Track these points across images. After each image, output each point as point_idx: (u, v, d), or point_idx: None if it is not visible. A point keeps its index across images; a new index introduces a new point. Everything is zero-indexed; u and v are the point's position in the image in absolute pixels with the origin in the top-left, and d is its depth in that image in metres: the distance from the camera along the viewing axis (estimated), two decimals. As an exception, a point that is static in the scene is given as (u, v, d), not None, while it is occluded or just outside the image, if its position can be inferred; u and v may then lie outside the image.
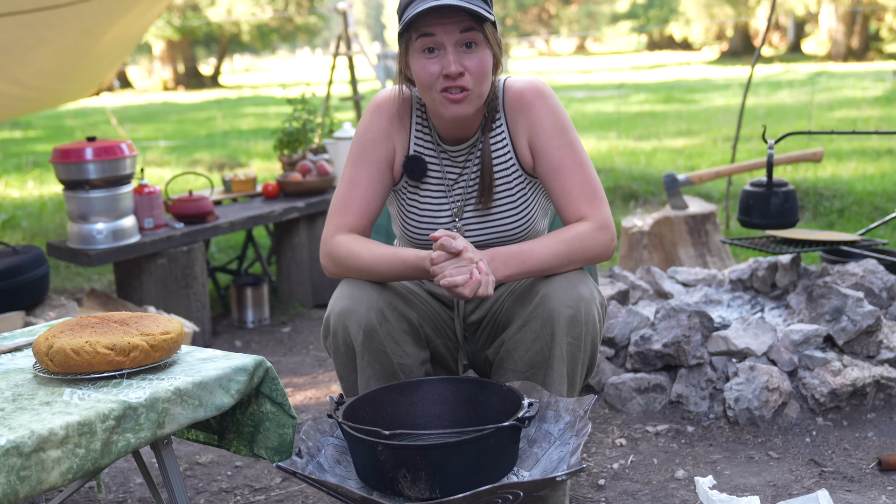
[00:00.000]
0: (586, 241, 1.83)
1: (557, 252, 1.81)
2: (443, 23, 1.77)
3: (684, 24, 28.85)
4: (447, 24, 1.77)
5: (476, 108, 1.85)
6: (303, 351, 3.65)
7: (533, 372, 1.82)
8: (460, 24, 1.77)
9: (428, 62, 1.80)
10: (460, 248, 1.72)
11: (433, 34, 1.78)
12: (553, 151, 1.89)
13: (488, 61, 1.81)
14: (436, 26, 1.77)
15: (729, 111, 10.95)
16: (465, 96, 1.80)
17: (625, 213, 5.78)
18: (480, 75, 1.80)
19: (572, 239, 1.83)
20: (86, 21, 4.24)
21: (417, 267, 1.80)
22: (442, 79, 1.80)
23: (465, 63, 1.79)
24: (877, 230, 4.80)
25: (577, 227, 1.85)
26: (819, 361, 2.66)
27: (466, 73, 1.79)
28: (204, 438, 1.87)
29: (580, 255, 1.83)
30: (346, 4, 6.58)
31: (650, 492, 2.27)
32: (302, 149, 4.43)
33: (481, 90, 1.82)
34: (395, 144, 1.97)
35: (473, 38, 1.79)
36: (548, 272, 1.82)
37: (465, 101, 1.81)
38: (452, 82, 1.79)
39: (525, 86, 1.93)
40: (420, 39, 1.80)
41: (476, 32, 1.78)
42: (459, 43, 1.78)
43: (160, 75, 25.77)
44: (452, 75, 1.78)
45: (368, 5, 51.51)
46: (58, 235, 5.51)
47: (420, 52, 1.81)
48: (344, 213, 1.94)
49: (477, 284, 1.70)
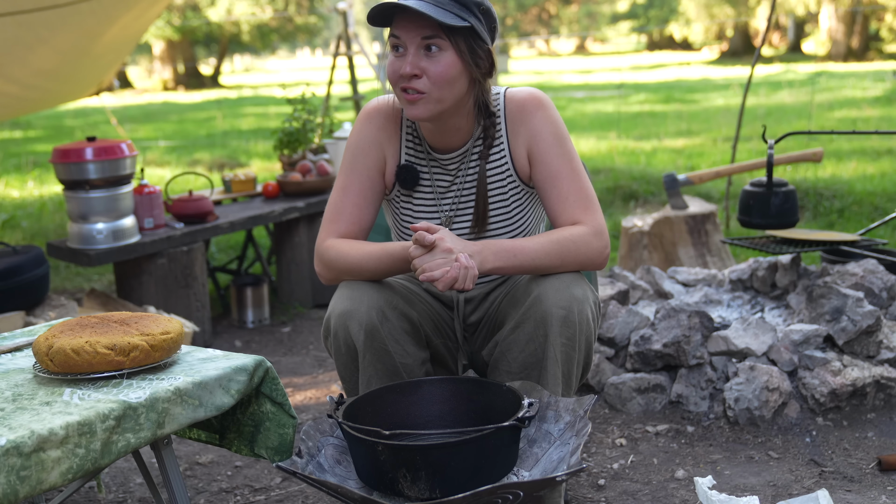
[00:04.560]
0: (580, 244, 1.83)
1: (550, 250, 1.81)
2: (407, 24, 1.77)
3: (684, 24, 28.85)
4: (409, 26, 1.77)
5: (435, 112, 1.83)
6: (303, 351, 3.65)
7: (527, 373, 1.82)
8: (423, 29, 1.77)
9: (394, 59, 1.82)
10: (431, 241, 1.72)
11: (398, 36, 1.79)
12: (552, 160, 1.90)
13: (452, 68, 1.79)
14: (400, 27, 1.78)
15: (729, 111, 10.95)
16: (420, 98, 1.80)
17: (625, 213, 5.78)
18: (439, 81, 1.78)
19: (566, 240, 1.82)
20: (86, 21, 4.24)
21: (405, 259, 1.81)
22: (400, 77, 1.81)
23: (423, 66, 1.78)
24: (877, 230, 4.80)
25: (572, 230, 1.85)
26: (819, 361, 2.66)
27: (424, 76, 1.78)
28: (205, 438, 1.88)
29: (573, 256, 1.83)
30: (346, 4, 6.58)
31: (650, 492, 2.27)
32: (302, 149, 4.43)
33: (440, 95, 1.80)
34: (385, 153, 1.97)
35: (436, 44, 1.77)
36: (540, 270, 1.82)
37: (420, 104, 1.81)
38: (407, 83, 1.79)
39: (526, 96, 1.93)
40: (390, 38, 1.82)
41: (440, 39, 1.77)
42: (422, 45, 1.78)
43: (160, 75, 25.77)
44: (405, 76, 1.79)
45: (368, 5, 51.49)
46: (58, 235, 5.51)
47: (391, 49, 1.83)
48: (335, 221, 1.95)
49: (452, 280, 1.69)
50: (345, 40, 6.59)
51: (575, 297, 1.78)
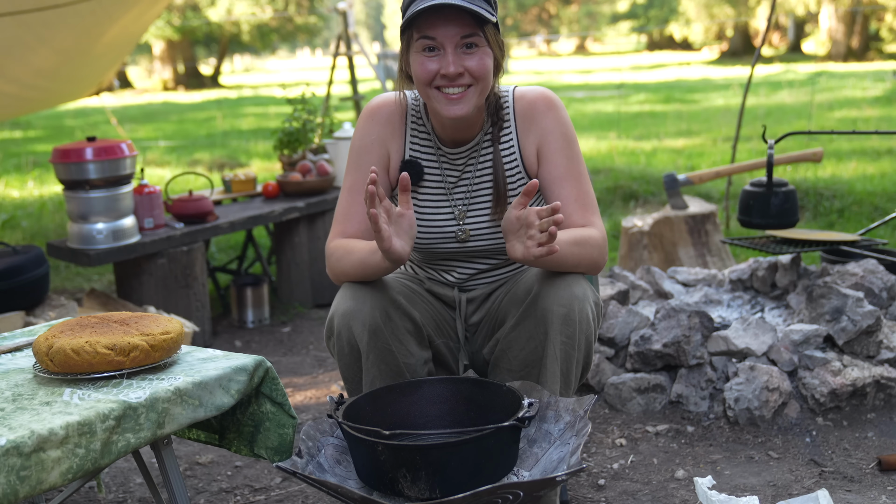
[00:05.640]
0: (593, 247, 1.85)
1: (573, 251, 1.81)
2: (444, 24, 1.77)
3: (684, 24, 28.85)
4: (448, 26, 1.77)
5: (474, 108, 1.85)
6: (303, 351, 3.65)
7: (528, 371, 1.83)
8: (461, 28, 1.77)
9: (427, 59, 1.81)
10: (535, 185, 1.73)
11: (433, 37, 1.78)
12: (560, 160, 1.92)
13: (489, 62, 1.82)
14: (436, 28, 1.77)
15: (729, 111, 10.95)
16: (464, 95, 1.81)
17: (625, 213, 5.78)
18: (481, 75, 1.81)
19: (584, 241, 1.83)
20: (86, 21, 4.24)
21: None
22: (439, 77, 1.81)
23: (465, 63, 1.80)
24: (877, 230, 4.80)
25: (588, 232, 1.85)
26: (819, 361, 2.66)
27: (466, 73, 1.80)
28: (205, 438, 1.88)
29: (587, 259, 1.84)
30: (346, 4, 6.59)
31: (650, 492, 2.27)
32: (302, 149, 4.43)
33: (482, 89, 1.83)
34: (389, 149, 1.98)
35: (474, 41, 1.79)
36: (559, 268, 1.82)
37: (464, 101, 1.82)
38: (451, 82, 1.80)
39: (537, 96, 1.95)
40: (420, 40, 1.80)
41: (477, 36, 1.79)
42: (460, 44, 1.79)
43: (160, 75, 25.78)
44: (451, 76, 1.79)
45: (368, 5, 51.54)
46: (58, 235, 5.51)
47: (420, 50, 1.81)
48: (343, 222, 1.95)
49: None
50: (345, 40, 6.59)
51: (575, 296, 1.78)
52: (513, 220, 1.73)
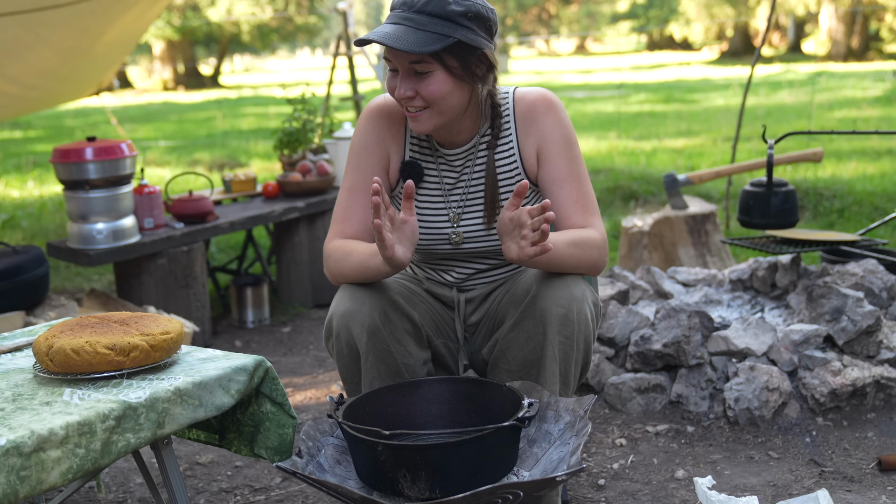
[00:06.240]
0: (593, 249, 1.85)
1: (572, 252, 1.81)
2: (392, 50, 1.79)
3: (684, 24, 28.85)
4: (396, 52, 1.79)
5: (438, 125, 1.86)
6: (303, 351, 3.65)
7: (526, 371, 1.83)
8: (408, 55, 1.78)
9: (391, 77, 1.85)
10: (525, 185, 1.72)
11: (390, 59, 1.82)
12: (561, 162, 1.91)
13: (441, 87, 1.80)
14: (390, 51, 1.80)
15: (729, 111, 10.95)
16: (420, 115, 1.84)
17: (625, 213, 5.78)
18: (432, 100, 1.81)
19: (584, 243, 1.83)
20: (86, 21, 4.24)
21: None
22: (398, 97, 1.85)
23: (416, 87, 1.81)
24: (877, 230, 4.80)
25: (588, 233, 1.85)
26: (819, 361, 2.66)
27: (418, 96, 1.82)
28: (205, 438, 1.88)
29: (587, 260, 1.84)
30: (346, 4, 6.58)
31: (650, 492, 2.27)
32: (302, 149, 4.43)
33: (440, 109, 1.83)
34: (388, 150, 1.99)
35: (423, 68, 1.79)
36: (558, 269, 1.82)
37: (422, 120, 1.84)
38: (406, 102, 1.83)
39: (537, 97, 1.95)
40: (384, 58, 1.85)
41: (426, 63, 1.78)
42: (410, 69, 1.80)
43: (160, 75, 25.78)
44: (402, 99, 1.83)
45: (368, 5, 51.52)
46: (58, 235, 5.51)
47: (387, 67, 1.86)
48: (342, 222, 1.96)
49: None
50: (345, 40, 6.59)
51: (574, 297, 1.78)
52: (506, 222, 1.74)
